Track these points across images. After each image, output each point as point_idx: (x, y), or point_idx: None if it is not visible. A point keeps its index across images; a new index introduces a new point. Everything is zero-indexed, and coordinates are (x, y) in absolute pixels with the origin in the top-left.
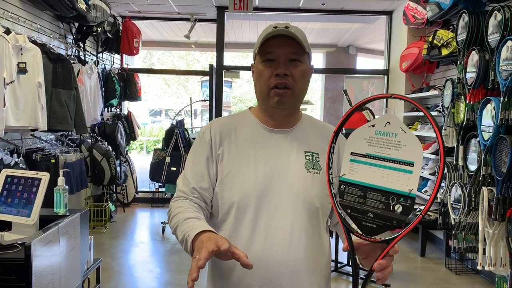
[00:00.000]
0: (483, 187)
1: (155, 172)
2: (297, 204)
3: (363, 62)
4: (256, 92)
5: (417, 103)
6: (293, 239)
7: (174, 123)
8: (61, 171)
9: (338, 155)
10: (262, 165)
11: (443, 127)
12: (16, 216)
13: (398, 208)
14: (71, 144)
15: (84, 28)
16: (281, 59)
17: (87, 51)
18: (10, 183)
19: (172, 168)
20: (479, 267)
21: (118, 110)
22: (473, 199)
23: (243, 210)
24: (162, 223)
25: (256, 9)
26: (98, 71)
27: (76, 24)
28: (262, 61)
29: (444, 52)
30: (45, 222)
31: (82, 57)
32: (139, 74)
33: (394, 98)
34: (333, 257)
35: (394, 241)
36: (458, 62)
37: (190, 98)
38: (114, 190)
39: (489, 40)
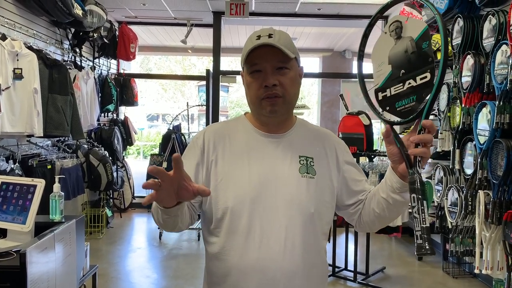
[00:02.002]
0: (479, 191)
1: (152, 177)
2: (291, 209)
3: None
4: (248, 102)
5: None
6: (287, 244)
7: (171, 128)
8: (56, 178)
9: (332, 159)
10: (256, 170)
11: (439, 131)
12: (11, 223)
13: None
14: (68, 150)
15: (81, 33)
16: (268, 69)
17: (84, 57)
18: (5, 190)
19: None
20: (476, 271)
21: (114, 115)
22: (470, 203)
23: (238, 216)
24: (159, 228)
25: (253, 14)
26: (94, 77)
27: (73, 30)
28: (249, 73)
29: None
30: (41, 229)
31: (79, 63)
32: (136, 79)
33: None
34: (330, 262)
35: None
36: (454, 66)
37: (187, 102)
38: (111, 196)
39: (484, 44)
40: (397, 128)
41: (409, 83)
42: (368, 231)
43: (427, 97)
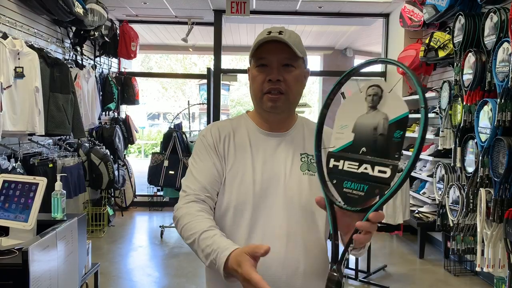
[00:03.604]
0: (481, 189)
1: (153, 175)
2: (293, 206)
3: None
4: (251, 96)
5: (399, 63)
6: (290, 241)
7: (172, 127)
8: (58, 176)
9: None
10: (258, 168)
11: (440, 129)
12: (13, 221)
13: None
14: (69, 149)
15: (82, 32)
16: (274, 64)
17: (85, 55)
18: (7, 188)
19: (170, 172)
20: (477, 269)
21: (116, 114)
22: (471, 201)
23: (240, 213)
24: (160, 227)
25: (253, 12)
26: (95, 75)
27: (74, 28)
28: (256, 66)
29: (441, 54)
30: (43, 227)
31: (80, 61)
32: (137, 78)
33: (381, 63)
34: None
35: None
36: (455, 64)
37: (188, 101)
38: (112, 194)
39: (486, 42)
40: None
41: (365, 168)
42: None
43: (377, 198)
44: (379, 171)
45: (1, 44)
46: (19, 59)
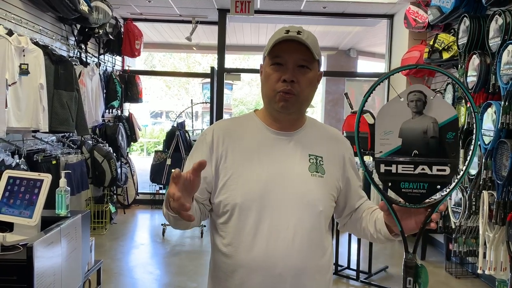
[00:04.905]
0: (483, 191)
1: (156, 174)
2: (299, 207)
3: (364, 65)
4: (262, 94)
5: (442, 70)
6: (295, 241)
7: (175, 125)
8: (62, 173)
9: (340, 160)
10: (265, 168)
11: None
12: (18, 217)
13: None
14: (72, 146)
15: (86, 30)
16: (290, 65)
17: (89, 53)
18: (12, 184)
19: (173, 170)
20: (479, 271)
21: (119, 111)
22: (474, 203)
23: (246, 212)
24: (162, 225)
25: (258, 12)
26: (99, 73)
27: (78, 26)
28: (270, 64)
29: (445, 55)
30: (47, 223)
31: (84, 59)
32: (140, 76)
33: (420, 68)
34: (333, 260)
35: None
36: (459, 66)
37: (191, 100)
38: (115, 192)
39: (490, 44)
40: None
41: (423, 169)
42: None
43: (441, 192)
44: (438, 170)
45: (7, 41)
46: (24, 56)
